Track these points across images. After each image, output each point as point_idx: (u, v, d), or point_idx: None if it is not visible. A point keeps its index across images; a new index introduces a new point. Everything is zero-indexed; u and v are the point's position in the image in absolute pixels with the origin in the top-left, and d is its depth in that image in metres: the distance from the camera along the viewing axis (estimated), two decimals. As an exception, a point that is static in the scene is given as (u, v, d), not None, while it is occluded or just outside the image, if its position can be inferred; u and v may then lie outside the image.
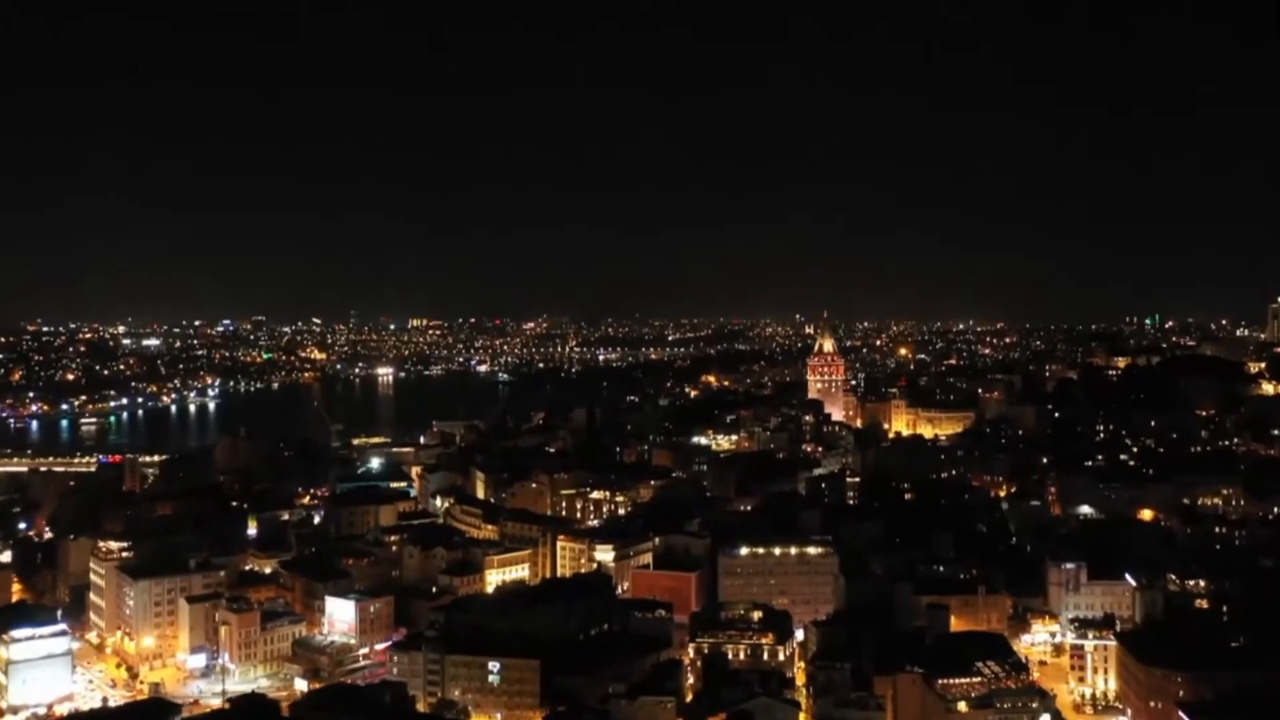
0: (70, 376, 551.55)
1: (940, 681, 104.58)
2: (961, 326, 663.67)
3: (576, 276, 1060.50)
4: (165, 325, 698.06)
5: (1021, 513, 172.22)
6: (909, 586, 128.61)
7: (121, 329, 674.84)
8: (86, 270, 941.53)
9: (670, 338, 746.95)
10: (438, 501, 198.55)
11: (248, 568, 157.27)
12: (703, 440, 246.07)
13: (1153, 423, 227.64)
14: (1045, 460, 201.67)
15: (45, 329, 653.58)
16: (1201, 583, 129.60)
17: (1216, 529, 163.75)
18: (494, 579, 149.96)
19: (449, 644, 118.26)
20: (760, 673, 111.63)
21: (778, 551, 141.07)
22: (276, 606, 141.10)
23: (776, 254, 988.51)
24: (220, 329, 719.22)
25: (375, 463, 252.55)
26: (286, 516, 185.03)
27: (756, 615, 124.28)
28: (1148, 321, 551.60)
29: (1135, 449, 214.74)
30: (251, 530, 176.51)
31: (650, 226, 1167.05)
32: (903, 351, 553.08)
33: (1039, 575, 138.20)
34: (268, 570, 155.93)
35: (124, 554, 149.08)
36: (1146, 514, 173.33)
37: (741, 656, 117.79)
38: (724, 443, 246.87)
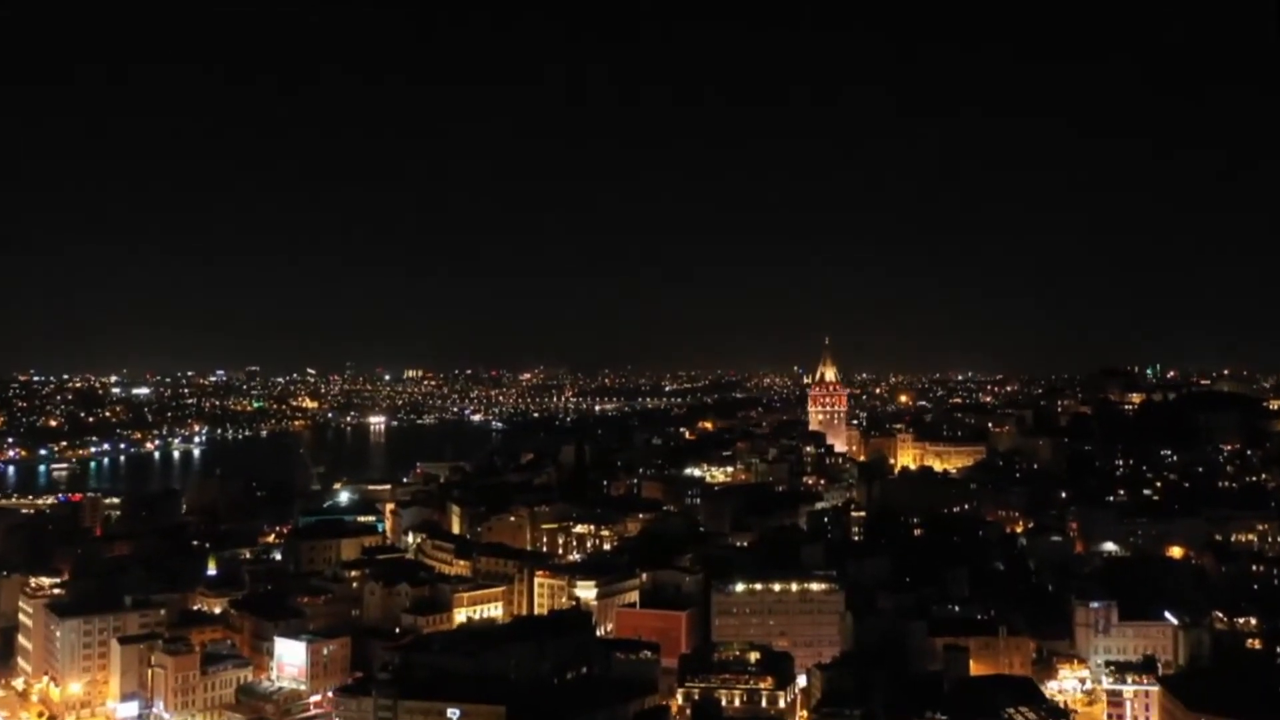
0: (53, 423, 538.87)
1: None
2: (962, 377, 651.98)
3: (573, 329, 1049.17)
4: (159, 376, 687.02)
5: (1041, 549, 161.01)
6: (924, 626, 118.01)
7: (114, 379, 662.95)
8: (84, 324, 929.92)
9: (667, 388, 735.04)
10: (410, 538, 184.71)
11: (196, 607, 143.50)
12: (696, 472, 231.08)
13: (1174, 457, 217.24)
14: (1064, 495, 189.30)
15: (36, 378, 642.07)
16: (1252, 621, 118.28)
17: (1254, 566, 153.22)
18: (463, 617, 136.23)
19: (404, 688, 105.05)
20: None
21: (777, 588, 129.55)
22: (220, 648, 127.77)
23: (774, 306, 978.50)
24: (213, 379, 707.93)
25: (344, 496, 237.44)
26: (247, 554, 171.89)
27: (754, 657, 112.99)
28: (1149, 371, 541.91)
29: (1158, 483, 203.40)
30: (212, 570, 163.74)
31: (647, 278, 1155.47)
32: (903, 398, 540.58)
33: (1063, 616, 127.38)
34: (217, 609, 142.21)
35: (55, 591, 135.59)
36: (1176, 551, 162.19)
37: (737, 703, 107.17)
38: (719, 475, 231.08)
